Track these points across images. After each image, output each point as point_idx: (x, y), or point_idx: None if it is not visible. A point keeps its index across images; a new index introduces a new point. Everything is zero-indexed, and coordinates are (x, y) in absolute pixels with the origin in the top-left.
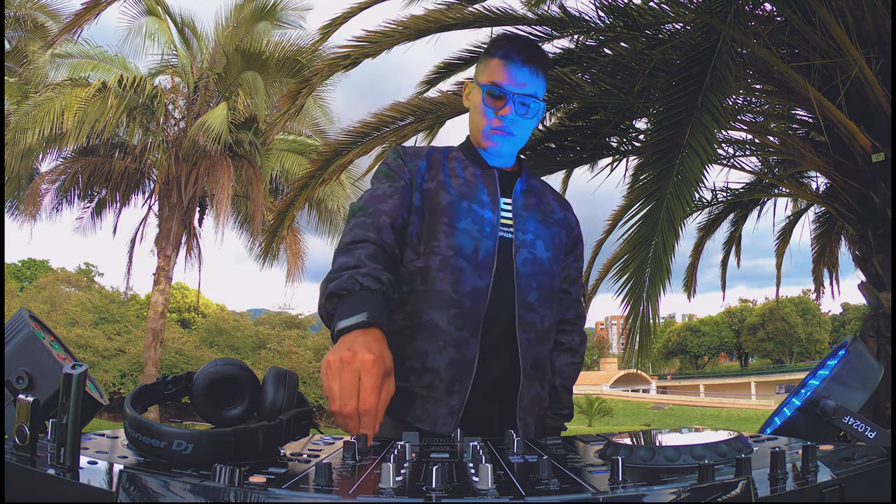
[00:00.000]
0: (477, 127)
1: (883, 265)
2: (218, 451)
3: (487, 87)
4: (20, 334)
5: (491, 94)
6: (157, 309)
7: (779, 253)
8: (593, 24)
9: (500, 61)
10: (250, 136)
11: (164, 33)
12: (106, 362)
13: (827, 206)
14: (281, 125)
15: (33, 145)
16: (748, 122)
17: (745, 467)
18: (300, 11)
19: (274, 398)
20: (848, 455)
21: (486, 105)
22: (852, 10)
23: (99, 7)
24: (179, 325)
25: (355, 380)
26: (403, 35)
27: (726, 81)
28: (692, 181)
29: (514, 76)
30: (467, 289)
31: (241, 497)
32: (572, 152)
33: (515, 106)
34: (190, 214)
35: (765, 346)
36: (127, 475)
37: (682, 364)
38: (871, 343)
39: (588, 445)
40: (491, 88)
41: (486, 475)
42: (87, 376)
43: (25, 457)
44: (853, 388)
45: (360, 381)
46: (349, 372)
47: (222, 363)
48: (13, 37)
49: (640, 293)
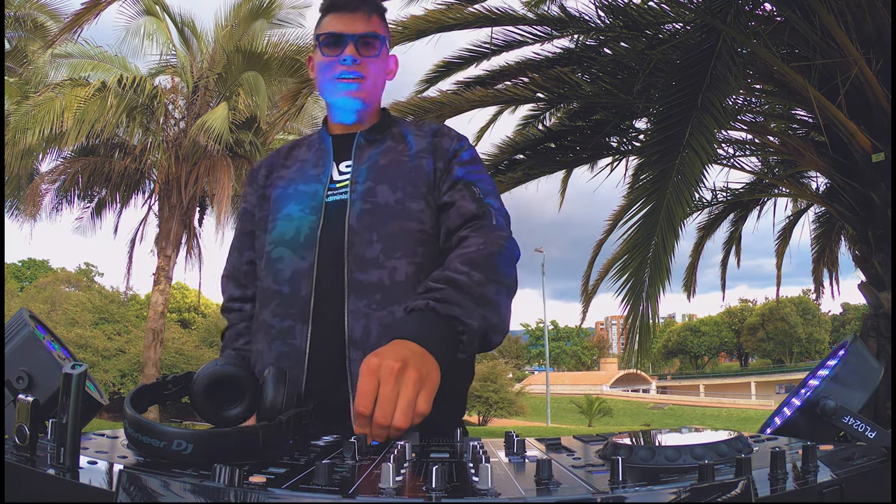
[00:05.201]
0: (322, 86)
1: (883, 265)
2: (218, 451)
3: (322, 36)
4: (20, 334)
5: (328, 44)
6: (157, 309)
7: (779, 253)
8: (593, 24)
9: (328, 15)
10: (251, 137)
11: (163, 33)
12: (106, 362)
13: (827, 206)
14: (281, 125)
15: (33, 145)
16: (748, 122)
17: (745, 467)
18: (299, 10)
19: (274, 398)
20: (848, 455)
21: (325, 55)
22: (852, 10)
23: (99, 7)
24: (179, 325)
25: None
26: (403, 35)
27: (726, 81)
28: (692, 181)
29: (346, 22)
30: (287, 275)
31: (241, 497)
32: (572, 152)
33: (357, 47)
34: (190, 214)
35: (765, 346)
36: (127, 475)
37: (682, 364)
38: (871, 343)
39: (588, 445)
40: (326, 36)
41: (486, 475)
42: (87, 376)
43: (25, 457)
44: (853, 388)
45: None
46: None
47: (222, 363)
48: (13, 37)
49: (640, 293)
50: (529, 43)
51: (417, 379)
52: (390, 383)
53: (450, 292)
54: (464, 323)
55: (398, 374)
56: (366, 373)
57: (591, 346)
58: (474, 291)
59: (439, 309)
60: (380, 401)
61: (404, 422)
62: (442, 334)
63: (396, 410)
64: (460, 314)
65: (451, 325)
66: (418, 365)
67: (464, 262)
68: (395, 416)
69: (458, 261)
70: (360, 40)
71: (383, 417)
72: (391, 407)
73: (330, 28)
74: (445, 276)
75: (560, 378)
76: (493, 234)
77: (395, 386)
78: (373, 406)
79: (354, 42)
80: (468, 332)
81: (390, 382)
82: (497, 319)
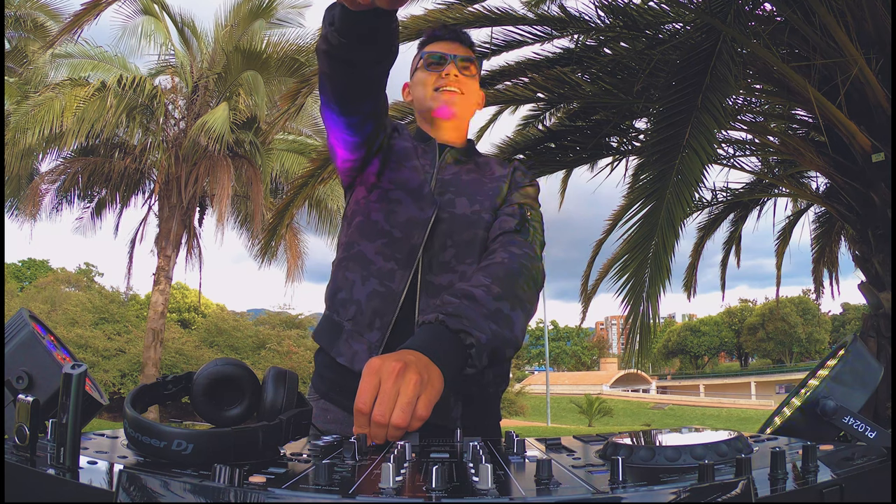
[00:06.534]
0: (422, 98)
1: (883, 265)
2: (218, 451)
3: (427, 54)
4: (20, 334)
5: (432, 62)
6: (157, 309)
7: (779, 253)
8: (593, 24)
9: (432, 43)
10: (251, 136)
11: (161, 33)
12: (106, 362)
13: (827, 206)
14: (281, 125)
15: (33, 145)
16: (748, 122)
17: (745, 467)
18: (299, 9)
19: (274, 398)
20: (848, 455)
21: (429, 71)
22: (852, 10)
23: (99, 7)
24: (179, 325)
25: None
26: (403, 35)
27: (726, 81)
28: (692, 181)
29: (448, 47)
30: (401, 219)
31: (241, 497)
32: (572, 152)
33: (458, 67)
34: (190, 214)
35: (765, 346)
36: (127, 475)
37: (682, 364)
38: (871, 343)
39: (588, 445)
40: (430, 54)
41: (486, 475)
42: (87, 376)
43: (25, 457)
44: (853, 388)
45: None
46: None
47: (222, 363)
48: (13, 37)
49: (640, 293)
50: (529, 43)
51: (419, 381)
52: (391, 381)
53: (462, 306)
54: (472, 336)
55: (399, 373)
56: (367, 372)
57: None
58: (490, 305)
59: (449, 322)
60: (379, 398)
61: (403, 420)
62: (449, 347)
63: (395, 408)
64: (469, 327)
65: (460, 339)
66: (420, 369)
67: (487, 274)
68: (394, 414)
69: (482, 273)
70: (461, 61)
71: (381, 415)
72: (390, 405)
73: (434, 49)
74: (464, 290)
75: (560, 378)
76: (522, 251)
77: (395, 384)
78: (372, 404)
79: (456, 62)
80: (476, 346)
81: (391, 380)
82: (510, 335)
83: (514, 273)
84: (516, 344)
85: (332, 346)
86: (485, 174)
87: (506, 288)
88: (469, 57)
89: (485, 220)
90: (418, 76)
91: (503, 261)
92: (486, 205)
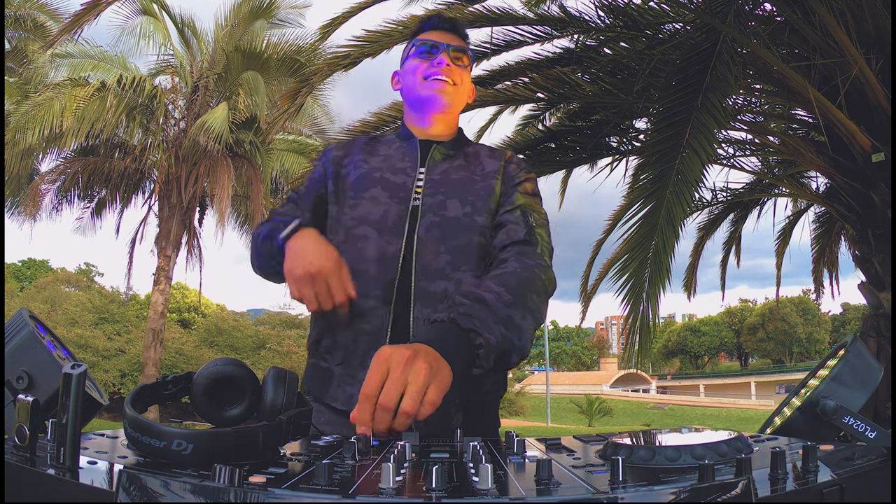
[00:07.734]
0: (412, 86)
1: (883, 265)
2: (218, 451)
3: (419, 41)
4: (20, 334)
5: (424, 50)
6: (157, 309)
7: (779, 253)
8: (593, 24)
9: (424, 32)
10: (251, 136)
11: (161, 33)
12: (106, 362)
13: (827, 206)
14: (281, 124)
15: (33, 145)
16: (748, 122)
17: (746, 467)
18: (299, 9)
19: (274, 398)
20: (848, 455)
21: (420, 58)
22: (852, 10)
23: (99, 7)
24: (179, 325)
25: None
26: (403, 35)
27: (726, 81)
28: (692, 181)
29: (441, 36)
30: (372, 255)
31: (241, 497)
32: (572, 152)
33: (450, 56)
34: (190, 214)
35: (765, 346)
36: (127, 475)
37: (682, 364)
38: (871, 343)
39: (588, 445)
40: (422, 42)
41: (486, 475)
42: (87, 376)
43: (25, 457)
44: (853, 388)
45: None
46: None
47: (222, 363)
48: (13, 37)
49: (640, 293)
50: (529, 43)
51: (429, 369)
52: (400, 369)
53: (474, 307)
54: (482, 336)
55: (409, 361)
56: (377, 360)
57: (591, 346)
58: (500, 311)
59: (460, 321)
60: (387, 384)
61: (412, 406)
62: (459, 344)
63: (405, 395)
64: (479, 328)
65: (469, 338)
66: (430, 359)
67: (498, 283)
68: (404, 401)
69: (493, 281)
70: (454, 51)
71: (388, 400)
72: (398, 391)
73: (427, 37)
74: (474, 294)
75: (560, 378)
76: (533, 261)
77: (404, 372)
78: (379, 392)
79: (448, 51)
80: (485, 347)
81: (400, 368)
82: (518, 343)
83: (525, 283)
84: (523, 352)
85: (324, 393)
86: (475, 170)
87: (517, 297)
88: (462, 47)
89: (479, 225)
90: (409, 64)
91: (515, 270)
92: (478, 206)
